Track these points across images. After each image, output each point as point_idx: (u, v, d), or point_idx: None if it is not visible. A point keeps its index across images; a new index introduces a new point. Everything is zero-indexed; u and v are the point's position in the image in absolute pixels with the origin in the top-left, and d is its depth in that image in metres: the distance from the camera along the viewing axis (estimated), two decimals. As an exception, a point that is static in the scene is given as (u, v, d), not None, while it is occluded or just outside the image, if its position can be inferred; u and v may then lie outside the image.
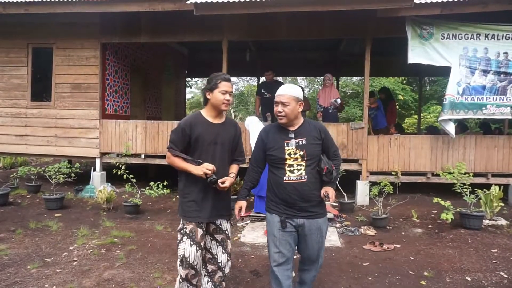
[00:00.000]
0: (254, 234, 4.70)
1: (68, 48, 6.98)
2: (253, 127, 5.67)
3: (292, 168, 2.38)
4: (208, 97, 2.48)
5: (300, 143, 2.40)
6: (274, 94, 2.49)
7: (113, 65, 7.46)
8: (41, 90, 7.25)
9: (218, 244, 2.57)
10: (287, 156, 2.39)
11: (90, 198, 6.44)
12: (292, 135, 2.43)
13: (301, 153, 2.38)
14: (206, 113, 2.54)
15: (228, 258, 2.59)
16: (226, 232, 2.60)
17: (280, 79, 12.87)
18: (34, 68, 7.23)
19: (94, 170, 7.03)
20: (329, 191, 2.38)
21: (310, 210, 2.40)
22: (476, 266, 3.67)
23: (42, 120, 7.09)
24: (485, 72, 5.74)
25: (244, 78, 22.75)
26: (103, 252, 4.02)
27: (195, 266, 2.42)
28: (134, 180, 5.73)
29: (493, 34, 5.68)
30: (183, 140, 2.45)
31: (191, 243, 2.41)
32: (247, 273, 3.55)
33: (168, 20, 6.55)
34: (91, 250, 4.05)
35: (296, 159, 2.39)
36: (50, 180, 6.03)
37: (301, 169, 2.38)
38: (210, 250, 2.57)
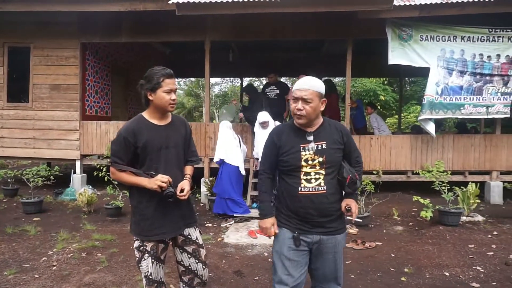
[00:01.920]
0: (238, 235, 4.69)
1: (46, 47, 6.81)
2: (222, 132, 5.72)
3: (309, 177, 2.01)
4: (150, 98, 2.15)
5: (320, 147, 2.03)
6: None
7: (94, 65, 7.32)
8: (18, 91, 7.05)
9: (190, 256, 2.30)
10: (303, 163, 2.02)
11: (70, 201, 6.30)
12: (311, 138, 2.05)
13: (321, 159, 2.01)
14: (150, 116, 2.22)
15: (204, 266, 2.33)
16: (197, 241, 2.32)
17: (263, 79, 12.87)
18: (10, 68, 7.02)
19: (74, 172, 6.88)
20: (351, 204, 2.03)
21: (328, 226, 2.05)
22: (454, 262, 3.78)
23: (19, 122, 6.89)
24: (462, 73, 5.91)
25: (228, 78, 22.72)
26: (84, 256, 3.94)
27: (159, 279, 2.27)
28: (116, 182, 5.64)
29: (469, 36, 5.86)
30: (127, 151, 2.13)
31: (153, 260, 2.20)
32: (230, 273, 3.54)
33: (149, 20, 6.48)
34: (71, 254, 3.96)
35: (314, 166, 2.01)
36: (28, 184, 5.87)
37: (319, 178, 2.01)
38: (182, 263, 2.31)
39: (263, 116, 5.67)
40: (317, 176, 2.02)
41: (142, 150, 2.14)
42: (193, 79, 22.41)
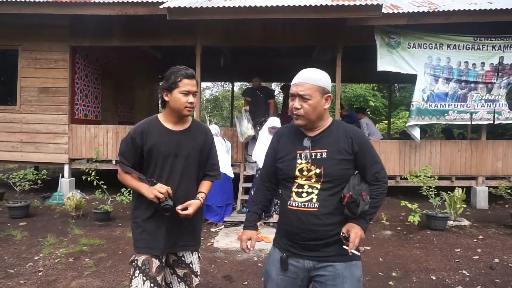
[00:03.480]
0: (227, 240, 4.69)
1: (35, 50, 6.74)
2: None
3: (300, 190, 1.66)
4: (166, 98, 1.98)
5: (318, 156, 1.65)
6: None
7: (83, 69, 7.27)
8: (5, 94, 6.96)
9: (180, 280, 2.06)
10: (297, 173, 1.67)
11: (58, 205, 6.21)
12: (308, 144, 1.68)
13: (318, 170, 1.63)
14: (164, 118, 2.04)
15: None
16: (191, 265, 2.08)
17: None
18: (-3, 71, 6.95)
19: (63, 176, 6.79)
20: (351, 230, 1.59)
21: (323, 250, 1.65)
22: (441, 266, 3.83)
23: (6, 125, 6.79)
24: (448, 80, 6.04)
25: (219, 83, 22.74)
26: (71, 261, 3.89)
27: None
28: (105, 187, 5.58)
29: (455, 44, 5.99)
30: (134, 153, 1.98)
31: (144, 279, 1.93)
32: (220, 278, 3.54)
33: (140, 24, 6.47)
34: (58, 260, 3.91)
35: (309, 178, 1.65)
36: (15, 187, 5.77)
37: (312, 193, 1.64)
38: (171, 287, 2.09)
39: (274, 121, 5.46)
40: (310, 190, 1.65)
41: (147, 154, 1.99)
42: (184, 83, 22.31)
